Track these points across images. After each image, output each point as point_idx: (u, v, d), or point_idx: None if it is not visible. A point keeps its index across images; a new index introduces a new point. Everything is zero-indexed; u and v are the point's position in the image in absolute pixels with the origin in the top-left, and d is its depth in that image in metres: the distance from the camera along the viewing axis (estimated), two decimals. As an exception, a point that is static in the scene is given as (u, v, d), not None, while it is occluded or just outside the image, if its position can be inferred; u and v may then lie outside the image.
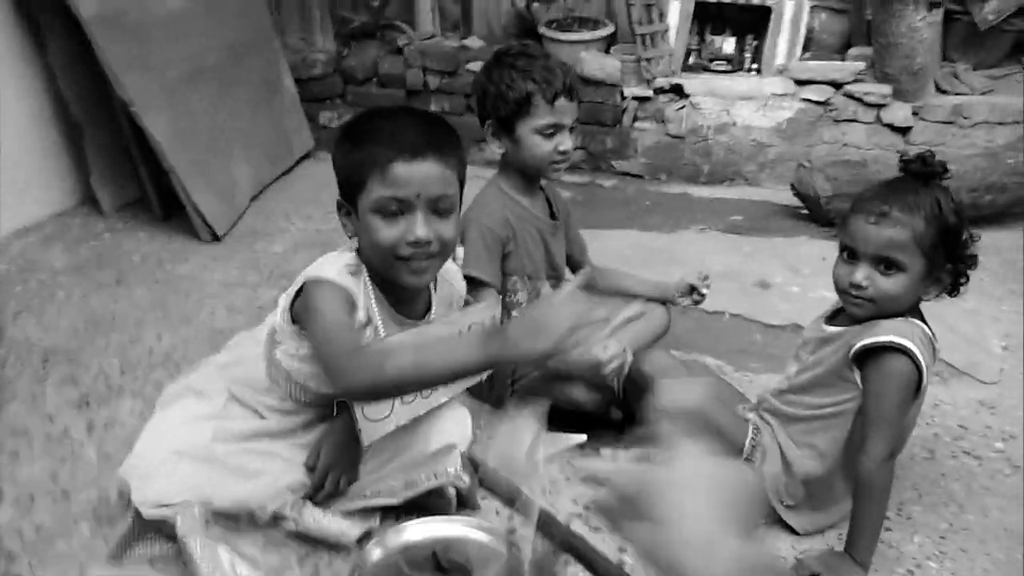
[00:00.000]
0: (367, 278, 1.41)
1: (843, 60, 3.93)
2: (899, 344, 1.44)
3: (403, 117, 1.39)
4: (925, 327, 1.51)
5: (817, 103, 3.79)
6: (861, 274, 1.45)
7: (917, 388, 1.49)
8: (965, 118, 3.75)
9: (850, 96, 3.76)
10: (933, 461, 1.89)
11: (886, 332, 1.45)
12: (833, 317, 1.63)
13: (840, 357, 1.52)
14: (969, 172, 3.30)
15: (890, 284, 1.45)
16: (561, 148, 1.87)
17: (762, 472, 1.59)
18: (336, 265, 1.39)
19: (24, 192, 2.98)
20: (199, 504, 1.39)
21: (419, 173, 1.30)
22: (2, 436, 1.80)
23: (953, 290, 1.53)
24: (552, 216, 2.07)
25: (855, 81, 3.77)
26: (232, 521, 1.43)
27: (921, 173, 1.48)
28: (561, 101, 1.84)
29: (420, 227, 1.32)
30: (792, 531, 1.62)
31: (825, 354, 1.57)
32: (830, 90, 3.78)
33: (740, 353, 2.35)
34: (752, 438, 1.61)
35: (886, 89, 3.72)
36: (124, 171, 3.17)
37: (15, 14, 2.87)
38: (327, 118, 4.13)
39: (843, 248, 1.50)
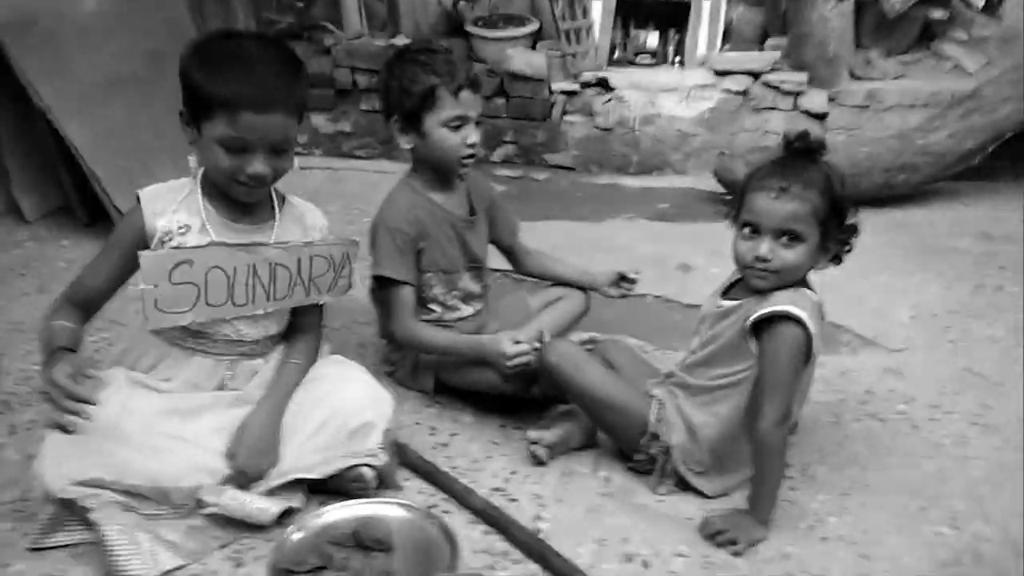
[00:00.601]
0: (200, 190, 1.57)
1: (761, 51, 4.07)
2: (790, 312, 1.52)
3: (259, 61, 1.45)
4: (813, 294, 1.60)
5: (737, 93, 3.91)
6: (765, 247, 1.52)
7: (807, 354, 1.57)
8: (879, 102, 3.91)
9: (768, 85, 3.89)
10: (838, 425, 1.99)
11: (779, 303, 1.54)
12: (727, 291, 1.71)
13: (737, 330, 1.60)
14: (883, 153, 3.45)
15: (792, 255, 1.53)
16: (469, 141, 1.90)
17: (668, 443, 1.66)
18: (161, 185, 1.59)
19: (-58, 202, 2.92)
20: (114, 488, 1.40)
21: (264, 124, 1.43)
22: (-82, 442, 1.78)
23: (837, 259, 1.61)
24: (471, 211, 2.09)
25: (773, 70, 3.91)
26: (150, 503, 1.45)
27: (804, 151, 1.57)
28: (465, 93, 1.87)
29: (259, 164, 1.46)
30: (701, 494, 1.69)
31: (723, 327, 1.64)
32: (749, 80, 3.90)
33: (660, 332, 2.43)
34: (656, 412, 1.67)
35: (802, 77, 3.86)
36: (46, 179, 3.12)
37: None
38: (258, 121, 4.11)
39: (744, 224, 1.57)
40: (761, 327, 1.56)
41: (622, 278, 2.20)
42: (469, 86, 1.87)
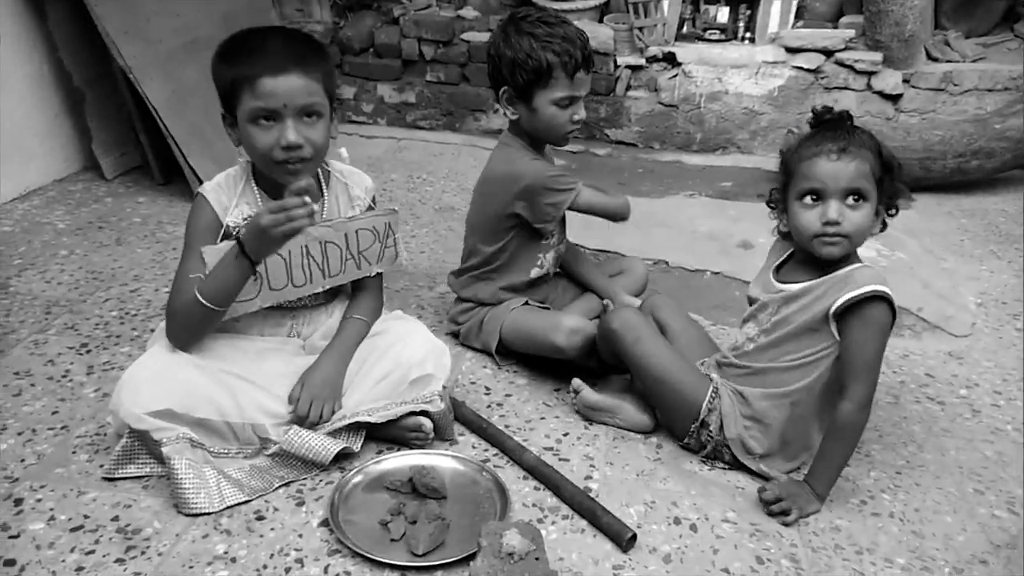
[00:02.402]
0: (253, 180, 1.62)
1: (835, 28, 3.97)
2: (880, 292, 1.49)
3: (271, 36, 1.51)
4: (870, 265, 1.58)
5: (808, 71, 3.83)
6: (834, 210, 1.48)
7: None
8: (955, 85, 3.79)
9: (841, 64, 3.80)
10: (897, 405, 1.96)
11: (865, 283, 1.49)
12: (778, 272, 1.68)
13: (813, 314, 1.55)
14: (956, 138, 3.35)
15: (860, 215, 1.50)
16: (575, 118, 1.91)
17: (720, 434, 1.66)
18: (218, 178, 1.62)
19: (28, 158, 3.06)
20: (184, 420, 1.48)
21: (284, 85, 1.46)
22: (6, 377, 1.89)
23: (884, 224, 1.58)
24: None
25: (846, 49, 3.81)
26: (217, 440, 1.52)
27: (836, 120, 1.55)
28: (580, 74, 1.86)
29: (290, 132, 1.48)
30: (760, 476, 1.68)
31: (792, 311, 1.59)
32: (821, 58, 3.81)
33: (718, 308, 2.42)
34: (710, 400, 1.65)
35: (877, 57, 3.76)
36: (125, 138, 3.26)
37: (16, -18, 2.94)
38: (325, 88, 4.19)
39: (804, 194, 1.53)
40: (847, 310, 1.51)
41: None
42: (584, 66, 1.86)
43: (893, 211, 1.58)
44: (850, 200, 1.50)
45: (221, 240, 1.56)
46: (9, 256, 2.55)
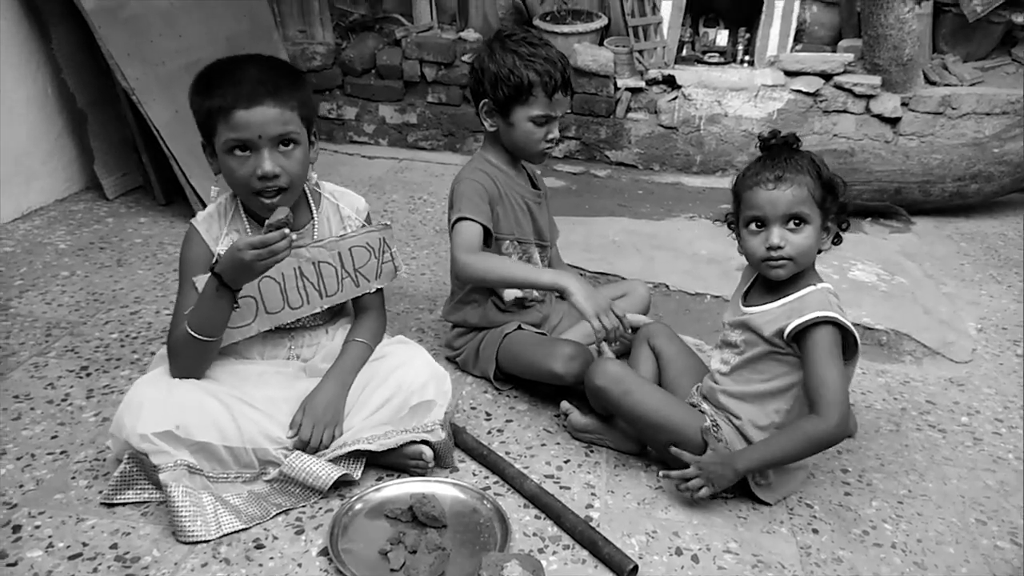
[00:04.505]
0: (239, 209, 1.64)
1: (834, 52, 4.00)
2: (825, 317, 1.52)
3: (245, 67, 1.52)
4: (829, 287, 1.61)
5: (807, 94, 3.85)
6: (776, 235, 1.54)
7: (853, 347, 1.57)
8: (953, 108, 3.82)
9: (840, 87, 3.83)
10: (898, 433, 1.96)
11: (813, 309, 1.54)
12: (746, 295, 1.71)
13: (772, 337, 1.59)
14: (955, 161, 3.36)
15: (801, 238, 1.55)
16: (550, 136, 1.97)
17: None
18: (209, 209, 1.66)
19: (30, 178, 3.07)
20: (185, 443, 1.47)
21: (258, 117, 1.48)
22: (5, 400, 1.89)
23: (837, 238, 1.63)
24: (534, 187, 2.15)
25: (845, 72, 3.84)
26: (216, 464, 1.52)
27: (783, 144, 1.60)
28: (558, 96, 1.92)
29: (266, 163, 1.50)
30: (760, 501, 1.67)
31: (754, 335, 1.63)
32: (820, 81, 3.84)
33: (718, 332, 2.41)
34: (715, 433, 1.65)
35: (875, 80, 3.79)
36: (127, 159, 3.27)
37: (20, 4, 2.96)
38: (326, 109, 4.21)
39: (749, 221, 1.58)
40: (800, 335, 1.55)
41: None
42: (563, 88, 1.92)
43: (845, 226, 1.63)
44: (791, 224, 1.55)
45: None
46: (10, 277, 2.55)
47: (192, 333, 1.52)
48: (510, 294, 2.08)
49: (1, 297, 2.41)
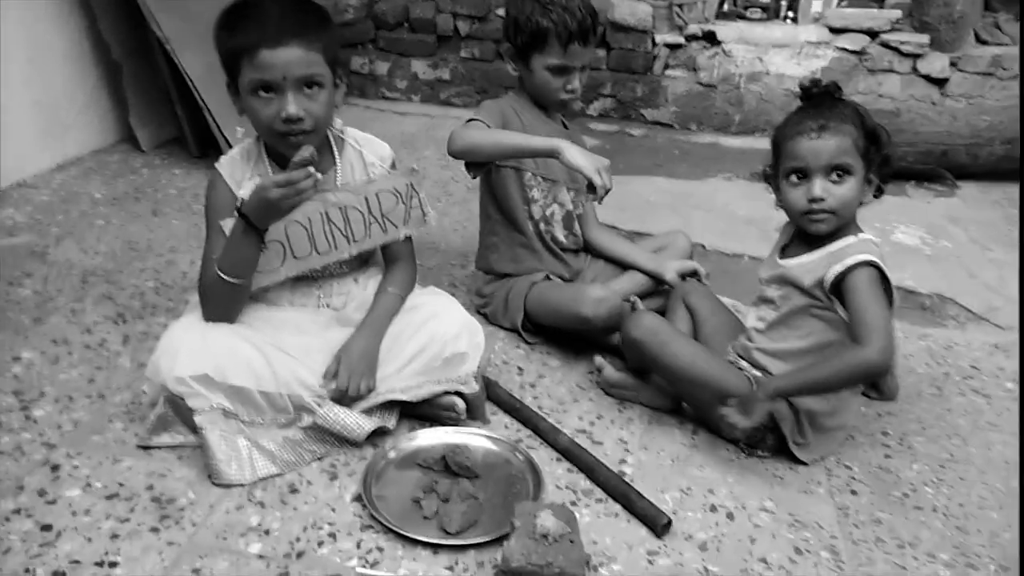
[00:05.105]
0: (263, 152, 1.62)
1: (881, 8, 3.86)
2: (865, 260, 1.48)
3: (270, 4, 1.48)
4: (870, 237, 1.56)
5: (852, 52, 3.73)
6: (818, 187, 1.49)
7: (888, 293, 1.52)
8: (1005, 69, 3.67)
9: (886, 45, 3.70)
10: (940, 398, 1.91)
11: (852, 255, 1.50)
12: (784, 251, 1.66)
13: (811, 287, 1.55)
14: (1005, 124, 3.25)
15: (844, 190, 1.50)
16: (569, 87, 1.94)
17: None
18: (232, 153, 1.65)
19: (65, 129, 3.08)
20: (220, 387, 1.47)
21: (282, 57, 1.44)
22: (44, 344, 1.91)
23: (879, 191, 1.57)
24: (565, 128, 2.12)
25: (892, 30, 3.71)
26: (251, 409, 1.52)
27: (823, 94, 1.55)
28: (574, 46, 1.88)
29: (291, 105, 1.46)
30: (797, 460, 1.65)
31: (792, 287, 1.59)
32: (866, 39, 3.72)
33: (755, 293, 2.37)
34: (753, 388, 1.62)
35: (923, 39, 3.66)
36: (161, 111, 3.27)
37: (56, -47, 2.95)
38: (359, 63, 4.17)
39: (789, 173, 1.53)
40: (842, 282, 1.51)
41: (693, 274, 2.10)
42: (580, 38, 1.88)
43: (888, 179, 1.57)
44: (834, 176, 1.50)
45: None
46: (47, 225, 2.57)
47: (222, 275, 1.51)
48: (537, 211, 2.06)
49: (38, 244, 2.43)
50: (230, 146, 2.92)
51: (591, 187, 1.76)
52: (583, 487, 1.54)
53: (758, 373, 1.66)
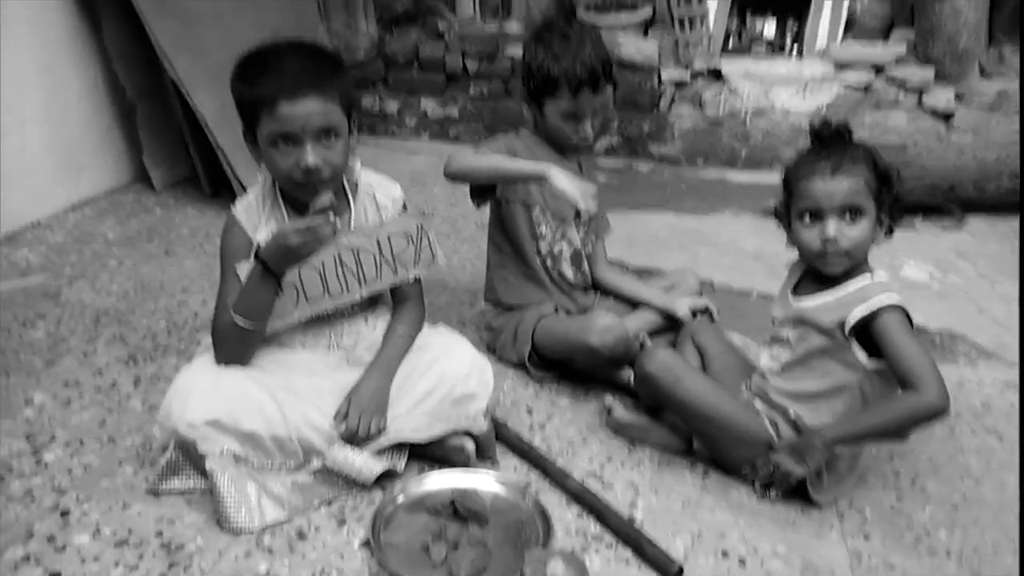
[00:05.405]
0: (279, 196, 1.63)
1: (885, 43, 3.89)
2: (891, 302, 1.49)
3: (288, 56, 1.50)
4: (884, 277, 1.56)
5: (858, 87, 3.76)
6: (832, 228, 1.50)
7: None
8: (1010, 102, 3.68)
9: (891, 80, 3.73)
10: (952, 437, 1.90)
11: (874, 294, 1.50)
12: (795, 290, 1.66)
13: (830, 329, 1.54)
14: (1012, 158, 3.25)
15: (858, 231, 1.51)
16: (581, 132, 1.97)
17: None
18: (247, 198, 1.66)
19: (80, 169, 3.13)
20: (231, 432, 1.48)
21: (301, 110, 1.46)
22: (55, 386, 1.92)
23: (890, 231, 1.58)
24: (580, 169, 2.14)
25: (897, 64, 3.74)
26: (261, 453, 1.52)
27: (834, 135, 1.55)
28: (584, 94, 1.90)
29: (309, 156, 1.49)
30: (809, 500, 1.63)
31: (809, 328, 1.59)
32: (871, 74, 3.75)
33: (765, 330, 2.36)
34: (773, 429, 1.63)
35: (928, 73, 3.69)
36: (175, 151, 3.32)
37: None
38: (369, 102, 4.23)
39: (803, 213, 1.54)
40: (867, 326, 1.50)
41: (704, 311, 2.12)
42: (590, 86, 1.89)
43: (898, 219, 1.58)
44: (847, 217, 1.51)
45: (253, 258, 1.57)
46: (61, 266, 2.60)
47: (237, 320, 1.52)
48: (543, 246, 2.09)
49: (52, 285, 2.46)
50: (243, 185, 2.99)
51: (577, 213, 1.78)
52: (593, 532, 1.53)
53: (776, 416, 1.65)
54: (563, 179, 1.78)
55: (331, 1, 4.12)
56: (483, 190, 2.04)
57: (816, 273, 1.60)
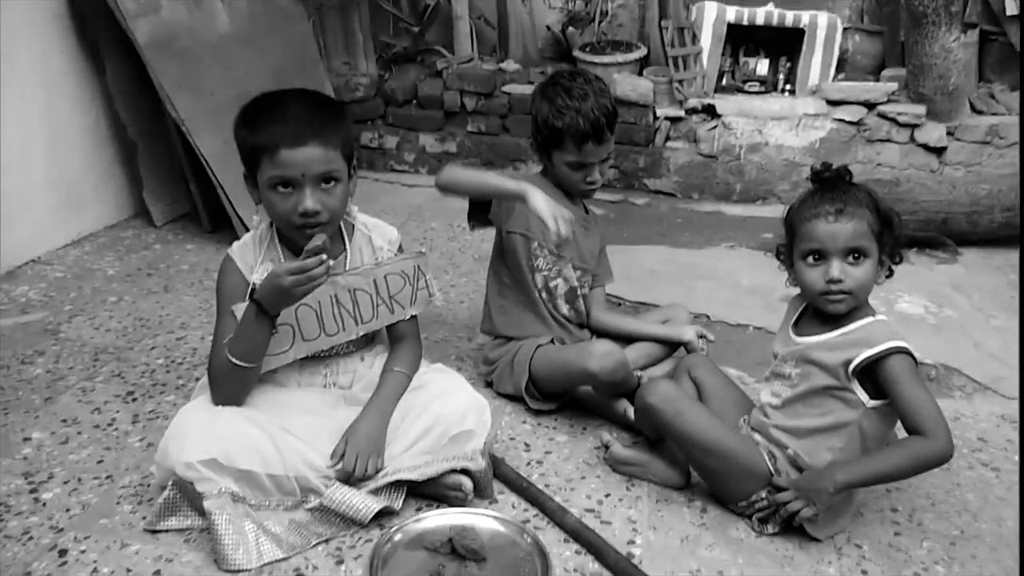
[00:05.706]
0: (275, 238, 1.68)
1: (877, 81, 3.95)
2: (898, 347, 1.50)
3: (291, 104, 1.55)
4: (885, 318, 1.59)
5: (851, 123, 3.81)
6: (836, 269, 1.52)
7: None
8: (1001, 138, 3.74)
9: (883, 116, 3.78)
10: (949, 472, 1.90)
11: (881, 340, 1.51)
12: (796, 326, 1.68)
13: (832, 368, 1.56)
14: (1004, 192, 3.29)
15: (861, 272, 1.54)
16: (588, 180, 2.03)
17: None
18: (244, 239, 1.71)
19: (81, 205, 3.16)
20: (228, 471, 1.49)
21: (303, 156, 1.51)
22: (54, 424, 1.93)
23: (890, 271, 1.62)
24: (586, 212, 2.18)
25: (888, 102, 3.79)
26: (258, 492, 1.52)
27: (836, 177, 1.59)
28: (589, 145, 1.96)
29: (308, 200, 1.53)
30: (806, 535, 1.63)
31: (811, 366, 1.60)
32: (863, 110, 3.80)
33: (761, 364, 2.37)
34: (772, 463, 1.64)
35: (920, 109, 3.73)
36: (175, 187, 3.35)
37: (76, 39, 3.07)
38: (368, 138, 4.28)
39: (807, 254, 1.57)
40: (872, 369, 1.52)
41: (702, 336, 2.16)
42: (595, 138, 1.95)
43: (898, 260, 1.61)
44: (850, 258, 1.54)
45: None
46: (60, 302, 2.61)
47: (233, 360, 1.54)
48: (540, 280, 2.11)
49: (51, 322, 2.47)
50: (242, 221, 3.02)
51: (558, 245, 1.88)
52: (591, 570, 1.53)
53: (774, 450, 1.66)
54: (540, 201, 1.79)
55: (331, 41, 4.19)
56: (478, 212, 2.07)
57: (818, 310, 1.62)
